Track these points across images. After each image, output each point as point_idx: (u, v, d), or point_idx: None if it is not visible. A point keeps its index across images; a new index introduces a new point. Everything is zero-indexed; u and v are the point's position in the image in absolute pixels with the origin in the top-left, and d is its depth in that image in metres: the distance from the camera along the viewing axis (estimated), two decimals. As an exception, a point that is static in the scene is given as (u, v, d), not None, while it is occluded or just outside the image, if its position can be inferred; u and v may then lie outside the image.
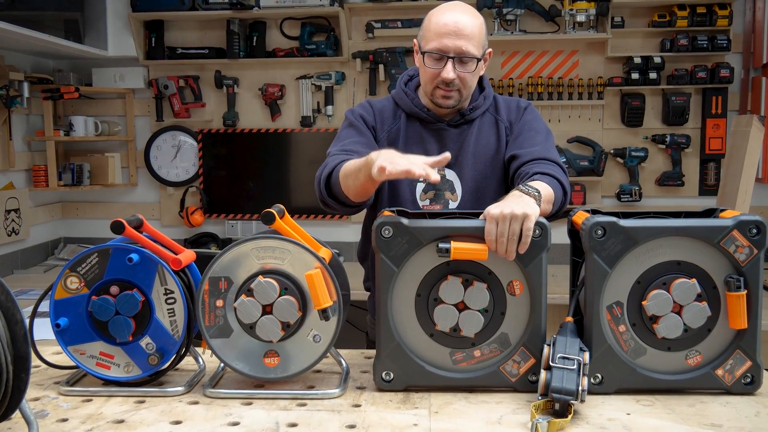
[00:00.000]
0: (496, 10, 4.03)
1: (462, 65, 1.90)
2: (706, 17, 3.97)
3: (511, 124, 2.05)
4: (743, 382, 1.50)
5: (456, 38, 1.87)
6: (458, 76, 1.91)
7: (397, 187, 2.01)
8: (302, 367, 1.52)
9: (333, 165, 1.85)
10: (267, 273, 1.49)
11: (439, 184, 2.00)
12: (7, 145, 3.94)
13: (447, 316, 1.50)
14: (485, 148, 2.02)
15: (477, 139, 2.02)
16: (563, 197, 1.84)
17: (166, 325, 1.53)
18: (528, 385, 1.52)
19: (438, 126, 2.02)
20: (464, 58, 1.89)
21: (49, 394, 1.53)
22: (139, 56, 4.33)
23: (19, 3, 3.48)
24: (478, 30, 1.91)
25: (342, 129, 2.05)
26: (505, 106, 2.08)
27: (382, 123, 2.05)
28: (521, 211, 1.46)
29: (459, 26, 1.88)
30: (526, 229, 1.46)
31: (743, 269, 1.46)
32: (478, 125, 2.04)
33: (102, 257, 1.52)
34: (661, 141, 4.13)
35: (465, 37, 1.88)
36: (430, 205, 2.00)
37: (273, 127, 4.40)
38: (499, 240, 1.45)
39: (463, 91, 1.95)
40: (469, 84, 1.95)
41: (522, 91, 4.19)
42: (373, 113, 2.06)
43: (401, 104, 2.06)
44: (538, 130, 2.01)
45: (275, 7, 4.11)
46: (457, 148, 2.01)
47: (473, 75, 1.94)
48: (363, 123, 2.03)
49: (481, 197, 1.99)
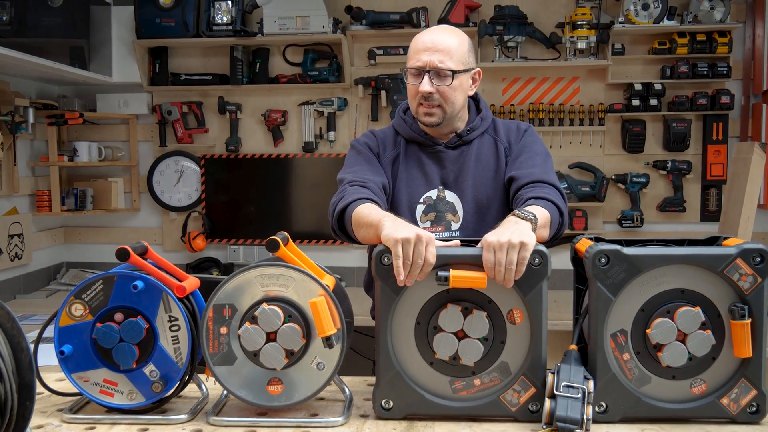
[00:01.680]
0: (498, 37, 4.07)
1: (439, 79, 1.93)
2: (706, 44, 4.00)
3: (510, 145, 2.06)
4: (748, 411, 1.49)
5: (430, 53, 1.92)
6: (437, 91, 1.94)
7: (397, 209, 2.02)
8: (306, 394, 1.51)
9: (348, 201, 1.86)
10: (271, 300, 1.49)
11: (440, 205, 2.01)
12: (12, 170, 3.95)
13: (446, 344, 1.50)
14: (485, 169, 2.04)
15: (476, 161, 2.04)
16: (560, 220, 1.85)
17: (170, 352, 1.53)
18: (528, 415, 1.51)
19: (436, 149, 2.05)
20: (440, 72, 1.92)
21: (53, 422, 1.53)
22: (143, 82, 4.37)
23: (25, 30, 3.51)
24: (455, 46, 1.94)
25: (350, 156, 2.10)
26: (504, 128, 2.10)
27: (384, 149, 2.10)
28: (518, 240, 1.46)
29: (435, 42, 1.93)
30: (522, 258, 1.46)
31: (747, 297, 1.46)
32: (477, 146, 2.06)
33: (107, 284, 1.52)
34: (663, 167, 4.14)
35: (440, 51, 1.92)
36: (432, 227, 2.01)
37: (275, 153, 4.42)
38: (497, 269, 1.46)
39: (445, 107, 1.97)
40: (450, 99, 1.96)
41: (523, 117, 4.21)
42: (377, 141, 2.11)
43: (400, 131, 2.10)
44: (538, 152, 2.02)
45: (278, 34, 4.15)
46: (457, 170, 2.03)
47: (452, 89, 1.95)
48: (369, 150, 2.07)
49: (484, 218, 2.01)
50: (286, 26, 4.11)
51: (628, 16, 3.98)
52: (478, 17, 4.18)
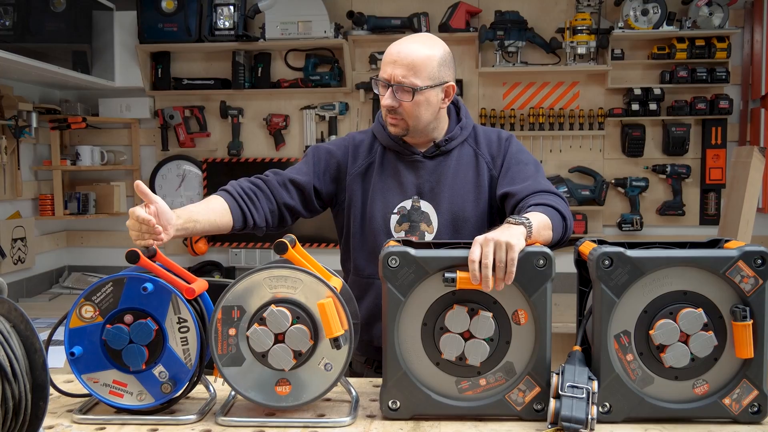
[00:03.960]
0: (498, 42, 4.09)
1: (402, 94, 1.88)
2: (705, 50, 4.03)
3: (493, 158, 2.01)
4: (750, 411, 1.51)
5: (394, 66, 1.88)
6: (400, 105, 1.90)
7: (371, 218, 2.00)
8: (314, 395, 1.53)
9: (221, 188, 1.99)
10: (279, 302, 1.51)
11: (414, 215, 1.98)
12: (15, 174, 3.97)
13: (453, 345, 1.52)
14: (463, 180, 1.99)
15: (455, 172, 2.00)
16: (563, 222, 1.81)
17: (179, 353, 1.55)
18: (533, 414, 1.53)
19: (413, 158, 2.00)
20: (404, 87, 1.87)
21: (63, 422, 1.54)
22: (146, 87, 4.39)
23: (28, 35, 3.53)
24: (422, 60, 1.87)
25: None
26: (485, 138, 2.04)
27: (354, 158, 2.05)
28: (505, 239, 1.47)
29: (400, 56, 1.88)
30: (510, 258, 1.46)
31: (749, 299, 1.48)
32: (457, 157, 2.01)
33: (116, 286, 1.54)
34: (662, 171, 4.17)
35: (403, 66, 1.87)
36: (406, 237, 1.95)
37: (277, 157, 4.44)
38: (484, 262, 1.46)
39: (407, 120, 1.92)
40: (412, 114, 1.91)
41: (524, 122, 4.24)
42: (348, 149, 2.06)
43: (378, 137, 2.05)
44: (526, 162, 1.98)
45: (280, 39, 4.17)
46: (434, 180, 1.99)
47: (414, 105, 1.89)
48: (325, 155, 2.06)
49: (458, 229, 1.97)
50: (288, 31, 4.14)
51: (627, 22, 4.01)
52: (479, 22, 4.20)
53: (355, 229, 2.04)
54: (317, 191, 2.05)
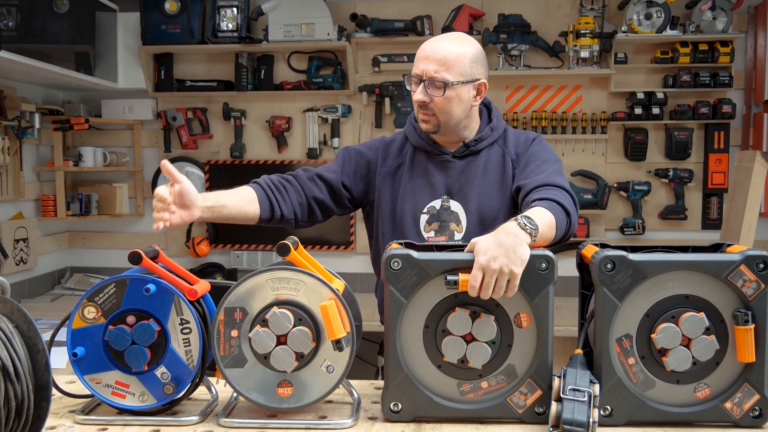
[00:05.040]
0: (501, 46, 4.10)
1: (433, 89, 1.92)
2: (708, 54, 4.03)
3: (518, 156, 2.04)
4: (751, 415, 1.51)
5: (427, 62, 1.92)
6: (432, 100, 1.93)
7: (401, 219, 2.03)
8: (316, 397, 1.53)
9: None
10: (282, 304, 1.51)
11: (444, 215, 2.02)
12: (18, 175, 3.98)
13: (455, 347, 1.52)
14: (491, 180, 2.02)
15: (483, 171, 2.03)
16: (567, 221, 1.79)
17: (182, 354, 1.55)
18: (535, 417, 1.53)
19: (443, 158, 2.04)
20: (435, 82, 1.91)
21: (65, 423, 1.55)
22: (149, 88, 4.39)
23: (31, 36, 3.54)
24: (455, 56, 1.92)
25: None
26: (514, 139, 2.07)
27: (384, 158, 2.10)
28: (508, 269, 1.46)
29: (434, 51, 1.92)
30: (512, 286, 1.47)
31: (751, 303, 1.48)
32: (485, 157, 2.04)
33: (119, 287, 1.54)
34: (664, 175, 4.17)
35: (436, 62, 1.91)
36: (435, 237, 2.01)
37: (279, 159, 4.45)
38: (483, 291, 1.47)
39: (439, 117, 1.96)
40: (444, 110, 1.94)
41: (526, 125, 4.24)
42: (379, 149, 2.11)
43: (410, 138, 2.09)
44: (545, 159, 1.99)
45: (283, 41, 4.18)
46: (463, 180, 2.02)
47: (446, 100, 1.93)
48: (355, 155, 2.11)
49: (487, 228, 1.94)
50: (291, 33, 4.15)
51: (630, 26, 4.01)
52: (482, 26, 4.21)
53: (385, 229, 2.08)
54: (347, 189, 2.09)
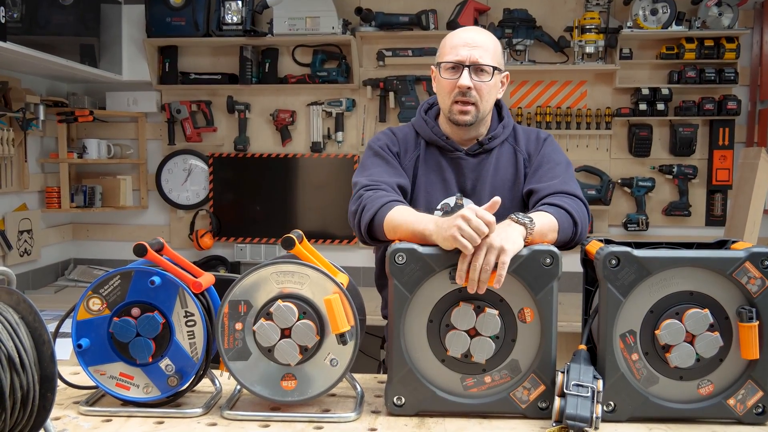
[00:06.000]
0: (506, 41, 4.08)
1: (478, 75, 1.91)
2: (714, 50, 4.02)
3: (530, 156, 2.02)
4: (755, 412, 1.51)
5: (471, 48, 1.91)
6: (475, 87, 1.91)
7: None
8: (319, 390, 1.54)
9: (375, 209, 1.81)
10: (286, 297, 1.51)
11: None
12: (22, 166, 3.98)
13: (459, 342, 1.52)
14: (503, 178, 2.01)
15: (495, 170, 2.01)
16: (573, 227, 1.78)
17: (186, 347, 1.55)
18: (537, 412, 1.54)
19: (456, 155, 2.01)
20: (480, 67, 1.90)
21: (70, 414, 1.55)
22: (153, 81, 4.39)
23: (36, 27, 3.54)
24: (492, 45, 1.95)
25: (366, 158, 2.03)
26: (524, 136, 2.06)
27: (405, 150, 2.05)
28: (498, 244, 1.47)
29: (473, 39, 1.93)
30: (501, 262, 1.47)
31: (755, 300, 1.48)
32: (497, 155, 2.02)
33: (124, 280, 1.55)
34: (668, 171, 4.16)
35: (480, 48, 1.91)
36: None
37: (283, 152, 4.45)
38: (472, 265, 1.47)
39: (479, 105, 1.93)
40: (485, 96, 1.93)
41: (531, 121, 4.23)
42: (397, 141, 2.05)
43: (421, 132, 2.05)
44: (558, 161, 1.98)
45: (288, 34, 4.17)
46: (475, 178, 2.01)
47: (489, 86, 1.92)
48: (388, 151, 2.01)
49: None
50: (296, 27, 4.14)
51: (636, 21, 4.00)
52: (487, 20, 4.20)
53: None
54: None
